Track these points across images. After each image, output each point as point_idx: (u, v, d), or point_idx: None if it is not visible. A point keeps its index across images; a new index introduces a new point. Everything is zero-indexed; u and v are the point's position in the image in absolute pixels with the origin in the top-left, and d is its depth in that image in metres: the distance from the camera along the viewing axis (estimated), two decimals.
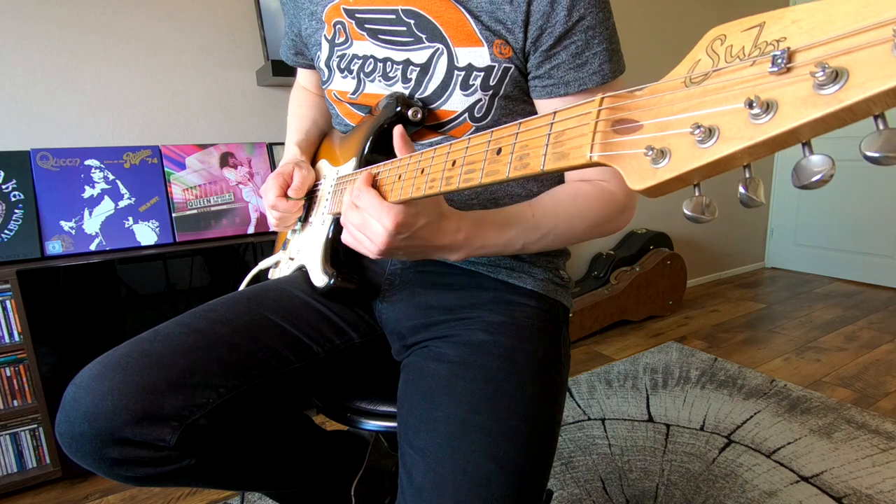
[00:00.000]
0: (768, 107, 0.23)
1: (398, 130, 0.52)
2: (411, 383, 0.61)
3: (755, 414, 1.52)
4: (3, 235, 1.27)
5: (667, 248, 2.45)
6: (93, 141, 1.45)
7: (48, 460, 1.31)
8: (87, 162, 1.38)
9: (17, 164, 1.31)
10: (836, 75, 0.21)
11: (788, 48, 0.23)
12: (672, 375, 1.79)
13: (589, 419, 1.53)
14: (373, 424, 0.70)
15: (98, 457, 0.52)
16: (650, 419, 1.52)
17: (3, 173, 1.29)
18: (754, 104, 0.23)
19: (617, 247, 2.49)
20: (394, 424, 0.69)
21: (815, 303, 2.53)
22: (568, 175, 0.65)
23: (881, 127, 0.21)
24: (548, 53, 0.58)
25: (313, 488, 0.77)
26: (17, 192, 1.30)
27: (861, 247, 2.78)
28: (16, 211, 1.29)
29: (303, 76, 0.91)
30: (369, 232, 0.51)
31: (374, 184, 0.53)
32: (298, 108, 0.89)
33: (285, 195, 0.74)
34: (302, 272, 0.73)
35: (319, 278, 0.68)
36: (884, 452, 1.32)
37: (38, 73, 1.37)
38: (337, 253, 0.69)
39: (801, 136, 0.23)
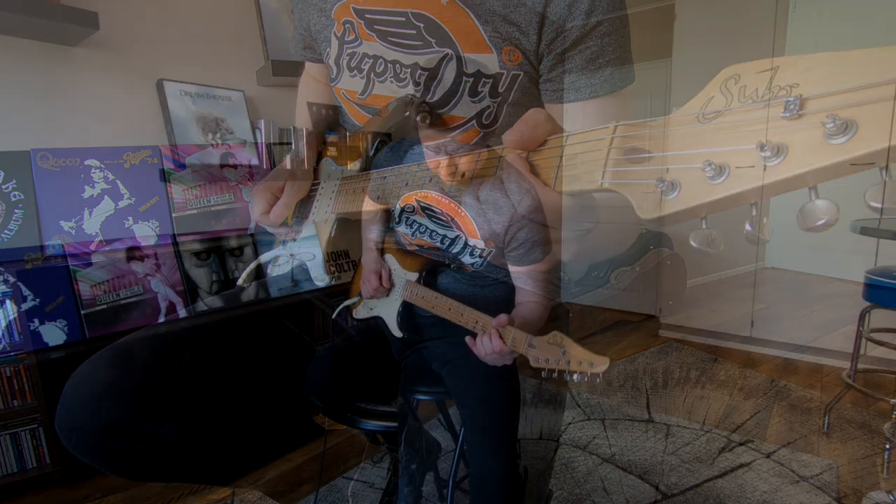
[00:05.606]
0: (779, 150, 0.24)
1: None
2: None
3: (755, 414, 1.52)
4: (3, 235, 1.27)
5: (667, 248, 2.44)
6: (93, 141, 1.45)
7: (48, 460, 1.31)
8: (87, 162, 1.38)
9: (17, 164, 1.31)
10: (846, 127, 0.21)
11: (801, 95, 0.23)
12: (672, 375, 1.79)
13: (589, 419, 1.53)
14: (373, 424, 0.70)
15: (97, 450, 0.52)
16: (650, 419, 1.52)
17: (3, 173, 1.29)
18: (766, 147, 0.24)
19: None
20: (393, 424, 0.69)
21: (815, 303, 2.52)
22: None
23: (885, 178, 0.22)
24: (561, 57, 0.58)
25: None
26: (17, 192, 1.30)
27: (861, 247, 2.77)
28: (16, 211, 1.29)
29: (311, 66, 0.90)
30: None
31: None
32: (304, 96, 0.88)
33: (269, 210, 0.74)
34: (302, 269, 0.74)
35: (321, 277, 0.68)
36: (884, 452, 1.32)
37: (38, 73, 1.37)
38: (338, 253, 0.70)
39: (808, 182, 0.24)
